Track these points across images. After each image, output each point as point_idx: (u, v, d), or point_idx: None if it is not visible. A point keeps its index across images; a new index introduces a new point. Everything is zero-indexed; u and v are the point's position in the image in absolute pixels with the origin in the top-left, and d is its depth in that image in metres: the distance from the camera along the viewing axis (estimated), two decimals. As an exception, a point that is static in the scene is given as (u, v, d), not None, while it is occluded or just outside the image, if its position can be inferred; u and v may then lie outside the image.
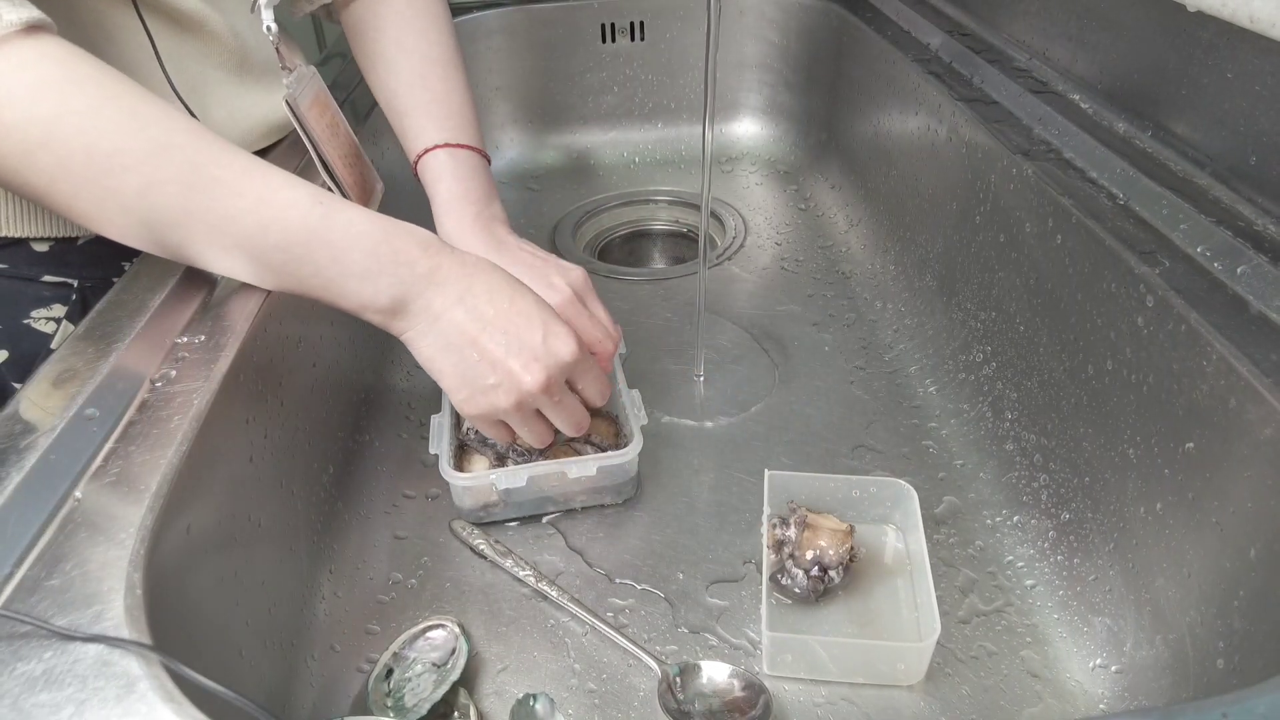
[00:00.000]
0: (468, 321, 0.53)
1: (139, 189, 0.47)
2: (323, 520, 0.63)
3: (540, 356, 0.54)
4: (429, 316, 0.53)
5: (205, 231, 0.49)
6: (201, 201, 0.48)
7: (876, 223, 0.97)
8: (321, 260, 0.50)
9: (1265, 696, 0.32)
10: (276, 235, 0.49)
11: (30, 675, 0.33)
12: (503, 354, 0.53)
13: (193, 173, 0.47)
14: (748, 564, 0.63)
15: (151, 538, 0.39)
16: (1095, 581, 0.56)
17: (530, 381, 0.54)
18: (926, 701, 0.54)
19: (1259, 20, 0.49)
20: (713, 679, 0.55)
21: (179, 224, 0.48)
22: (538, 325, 0.54)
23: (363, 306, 0.52)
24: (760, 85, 1.22)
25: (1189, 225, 0.55)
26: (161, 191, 0.47)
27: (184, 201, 0.47)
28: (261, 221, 0.49)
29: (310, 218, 0.49)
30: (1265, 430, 0.43)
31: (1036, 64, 0.78)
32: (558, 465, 0.65)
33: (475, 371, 0.54)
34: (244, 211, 0.48)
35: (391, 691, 0.54)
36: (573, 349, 0.56)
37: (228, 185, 0.48)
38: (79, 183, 0.46)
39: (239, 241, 0.49)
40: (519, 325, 0.54)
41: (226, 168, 0.48)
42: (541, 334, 0.54)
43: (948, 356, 0.78)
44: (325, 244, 0.50)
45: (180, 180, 0.47)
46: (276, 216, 0.49)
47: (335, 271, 0.50)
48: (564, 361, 0.55)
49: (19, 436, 0.44)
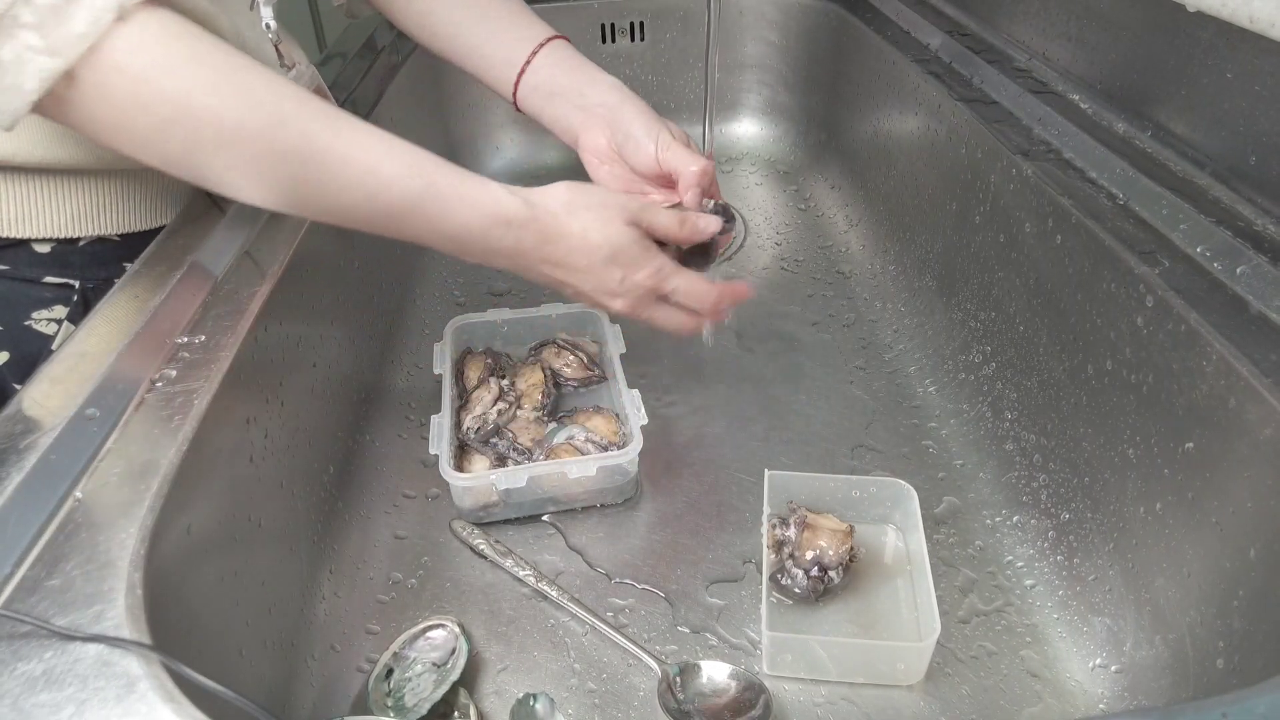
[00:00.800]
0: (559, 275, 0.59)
1: (258, 157, 0.50)
2: (323, 520, 0.63)
3: (622, 293, 0.59)
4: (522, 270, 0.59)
5: (321, 195, 0.52)
6: (315, 172, 0.51)
7: (876, 223, 0.97)
8: (422, 228, 0.55)
9: (1265, 696, 0.32)
10: (383, 204, 0.53)
11: (30, 675, 0.33)
12: (592, 296, 0.60)
13: (305, 143, 0.50)
14: (747, 564, 0.63)
15: (152, 538, 0.39)
16: (1095, 581, 0.56)
17: (619, 307, 0.60)
18: (926, 701, 0.54)
19: (1259, 20, 0.49)
20: (713, 679, 0.55)
21: (297, 190, 0.52)
22: (615, 269, 0.58)
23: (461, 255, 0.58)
24: (760, 85, 1.22)
25: (1189, 225, 0.55)
26: (281, 161, 0.50)
27: (301, 170, 0.51)
28: (369, 191, 0.52)
29: (410, 191, 0.53)
30: (1265, 430, 0.43)
31: (1036, 64, 0.78)
32: (558, 465, 0.65)
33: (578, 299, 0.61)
34: (353, 182, 0.52)
35: (391, 691, 0.54)
36: (649, 274, 0.59)
37: (337, 154, 0.51)
38: (210, 153, 0.49)
39: (356, 203, 0.53)
40: (597, 274, 0.58)
41: (335, 136, 0.51)
42: (620, 274, 0.58)
43: (948, 356, 0.78)
44: (425, 217, 0.54)
45: (295, 151, 0.50)
46: (382, 187, 0.52)
47: (435, 237, 0.55)
48: (646, 288, 0.59)
49: (19, 436, 0.44)
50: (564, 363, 0.78)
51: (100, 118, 0.47)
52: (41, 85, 0.45)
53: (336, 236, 0.73)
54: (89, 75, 0.45)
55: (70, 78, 0.45)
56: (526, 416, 0.73)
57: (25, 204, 0.60)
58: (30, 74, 0.44)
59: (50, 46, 0.44)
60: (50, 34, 0.44)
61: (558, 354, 0.78)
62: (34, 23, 0.44)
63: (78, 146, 0.59)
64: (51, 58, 0.44)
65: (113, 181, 0.63)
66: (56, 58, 0.44)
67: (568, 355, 0.78)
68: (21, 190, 0.59)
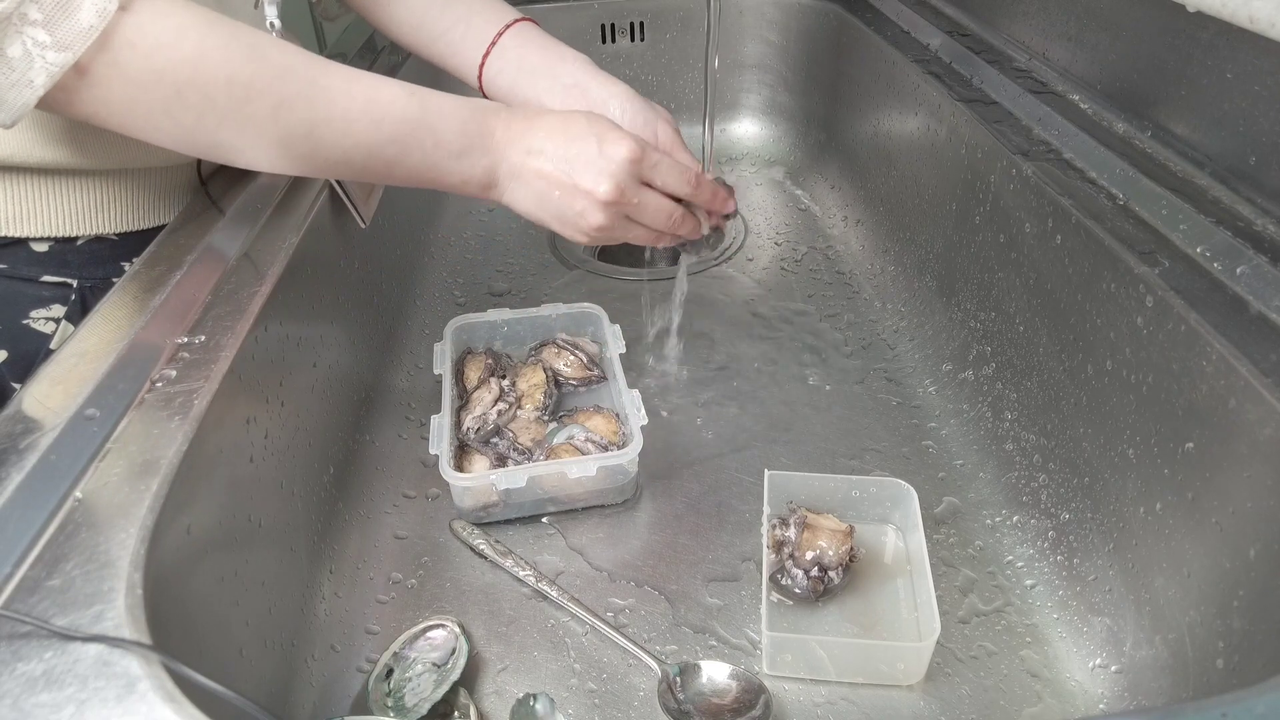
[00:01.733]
0: (539, 164, 0.58)
1: (273, 109, 0.51)
2: (323, 520, 0.63)
3: (602, 167, 0.57)
4: (513, 176, 0.59)
5: (331, 136, 0.53)
6: (324, 110, 0.53)
7: (876, 223, 0.97)
8: (426, 145, 0.56)
9: (1265, 696, 0.32)
10: (389, 129, 0.54)
11: (30, 675, 0.33)
12: (571, 179, 0.58)
13: (311, 86, 0.52)
14: (747, 564, 0.63)
15: (152, 538, 0.39)
16: (1095, 581, 0.56)
17: (603, 191, 0.57)
18: (926, 701, 0.54)
19: (1258, 20, 0.49)
20: (713, 679, 0.55)
21: (309, 135, 0.53)
22: (591, 139, 0.58)
23: (464, 182, 0.58)
24: (760, 85, 1.22)
25: (1189, 225, 0.55)
26: (291, 108, 0.52)
27: (310, 113, 0.52)
28: (374, 118, 0.54)
29: (410, 109, 0.55)
30: (1265, 430, 0.43)
31: (1036, 64, 0.78)
32: (558, 465, 0.65)
33: (561, 206, 0.59)
34: (359, 113, 0.54)
35: (392, 691, 0.54)
36: (629, 147, 0.58)
37: (342, 91, 0.53)
38: (223, 113, 0.50)
39: (359, 141, 0.54)
40: (575, 147, 0.58)
41: (335, 76, 0.54)
42: (596, 145, 0.57)
43: (948, 356, 0.78)
44: (428, 129, 0.55)
45: (304, 95, 0.52)
46: (385, 112, 0.54)
47: (439, 155, 0.56)
48: (625, 159, 0.58)
49: (19, 436, 0.44)
50: (564, 363, 0.78)
51: (113, 97, 0.48)
52: (50, 79, 0.45)
53: (337, 236, 0.73)
54: (102, 58, 0.46)
55: (79, 69, 0.46)
56: (527, 416, 0.73)
57: (23, 203, 0.60)
58: (39, 70, 0.45)
59: (58, 41, 0.45)
60: (58, 29, 0.44)
61: (558, 354, 0.78)
62: (41, 19, 0.44)
63: (76, 146, 0.59)
64: (59, 52, 0.45)
65: (111, 181, 0.63)
66: (65, 52, 0.45)
67: (568, 355, 0.78)
68: (19, 189, 0.60)
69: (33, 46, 0.44)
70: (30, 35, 0.44)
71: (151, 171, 0.65)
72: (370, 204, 0.77)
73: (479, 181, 0.59)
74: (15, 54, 0.44)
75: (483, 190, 0.59)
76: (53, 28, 0.44)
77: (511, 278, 0.98)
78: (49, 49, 0.45)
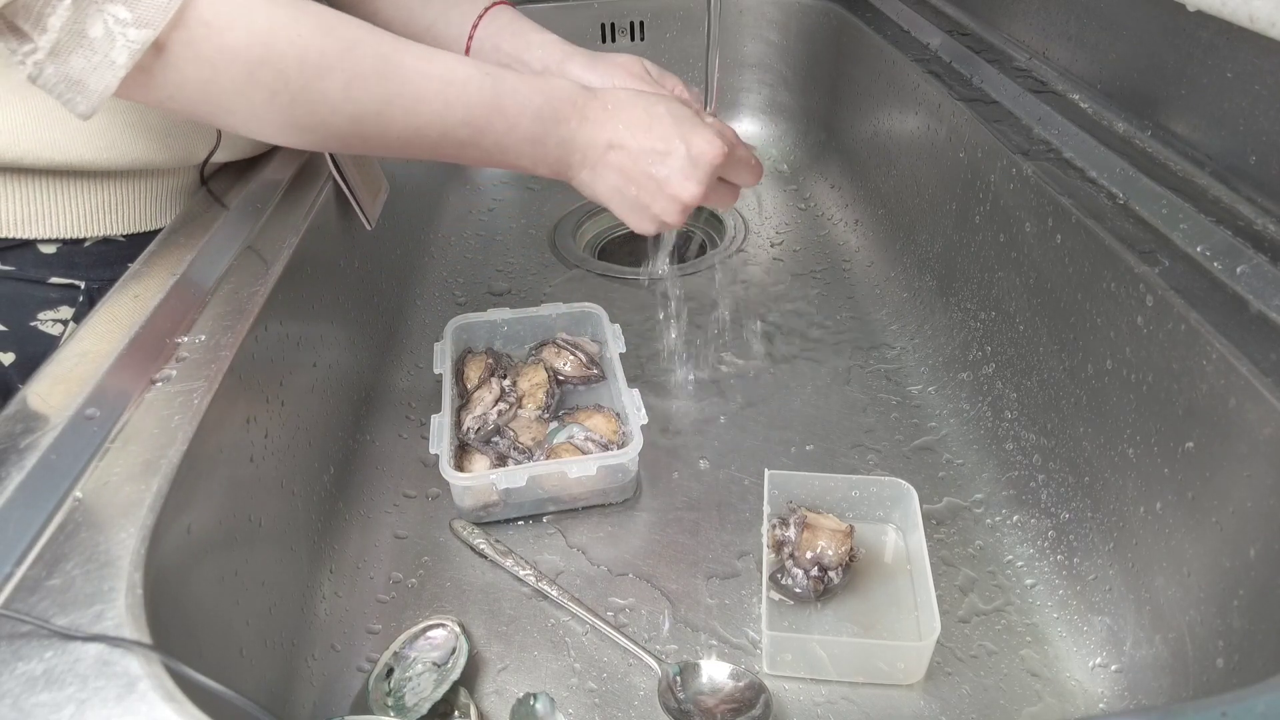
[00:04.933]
0: (619, 159, 0.57)
1: (344, 85, 0.50)
2: (323, 520, 0.63)
3: (690, 172, 0.57)
4: (589, 165, 0.58)
5: (403, 115, 0.52)
6: (395, 87, 0.51)
7: (876, 222, 0.97)
8: (500, 130, 0.54)
9: (1265, 696, 0.32)
10: (460, 111, 0.53)
11: (31, 675, 0.33)
12: (654, 179, 0.57)
13: (383, 62, 0.51)
14: (747, 563, 0.63)
15: (152, 537, 0.39)
16: (1095, 581, 0.56)
17: (689, 194, 0.58)
18: (926, 701, 0.54)
19: (1259, 20, 0.49)
20: (713, 678, 0.55)
21: (380, 113, 0.52)
22: (677, 140, 0.57)
23: (535, 165, 0.57)
24: (760, 85, 1.22)
25: (1189, 225, 0.55)
26: (363, 84, 0.51)
27: (381, 89, 0.51)
28: (447, 100, 0.53)
29: (484, 91, 0.53)
30: (1265, 430, 0.43)
31: (1036, 64, 0.78)
32: (558, 465, 0.65)
33: (640, 201, 0.58)
34: (433, 93, 0.52)
35: (392, 691, 0.54)
36: (718, 149, 0.57)
37: (414, 68, 0.52)
38: (295, 91, 0.49)
39: (430, 121, 0.53)
40: (660, 146, 0.57)
41: (407, 53, 0.52)
42: (685, 148, 0.57)
43: (948, 356, 0.78)
44: (500, 113, 0.54)
45: (375, 71, 0.51)
46: (459, 94, 0.53)
47: (511, 139, 0.55)
48: (713, 164, 0.58)
49: (19, 436, 0.44)
50: (563, 362, 0.78)
51: (188, 79, 0.47)
52: (132, 58, 0.45)
53: (337, 236, 0.73)
54: (178, 36, 0.46)
55: (158, 47, 0.45)
56: (528, 416, 0.73)
57: (31, 205, 0.60)
58: (120, 48, 0.44)
59: (139, 18, 0.44)
60: (138, 5, 0.44)
61: (558, 353, 0.78)
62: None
63: (84, 148, 0.59)
64: (140, 29, 0.44)
65: (118, 182, 0.63)
66: (146, 29, 0.44)
67: (567, 355, 0.78)
68: (27, 191, 0.59)
69: (114, 25, 0.44)
70: (111, 13, 0.44)
71: (159, 173, 0.64)
72: (376, 205, 0.77)
73: (551, 167, 0.58)
74: (97, 34, 0.44)
75: (554, 174, 0.59)
76: (133, 4, 0.44)
77: (511, 277, 0.98)
78: (130, 26, 0.44)
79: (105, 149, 0.59)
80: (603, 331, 0.79)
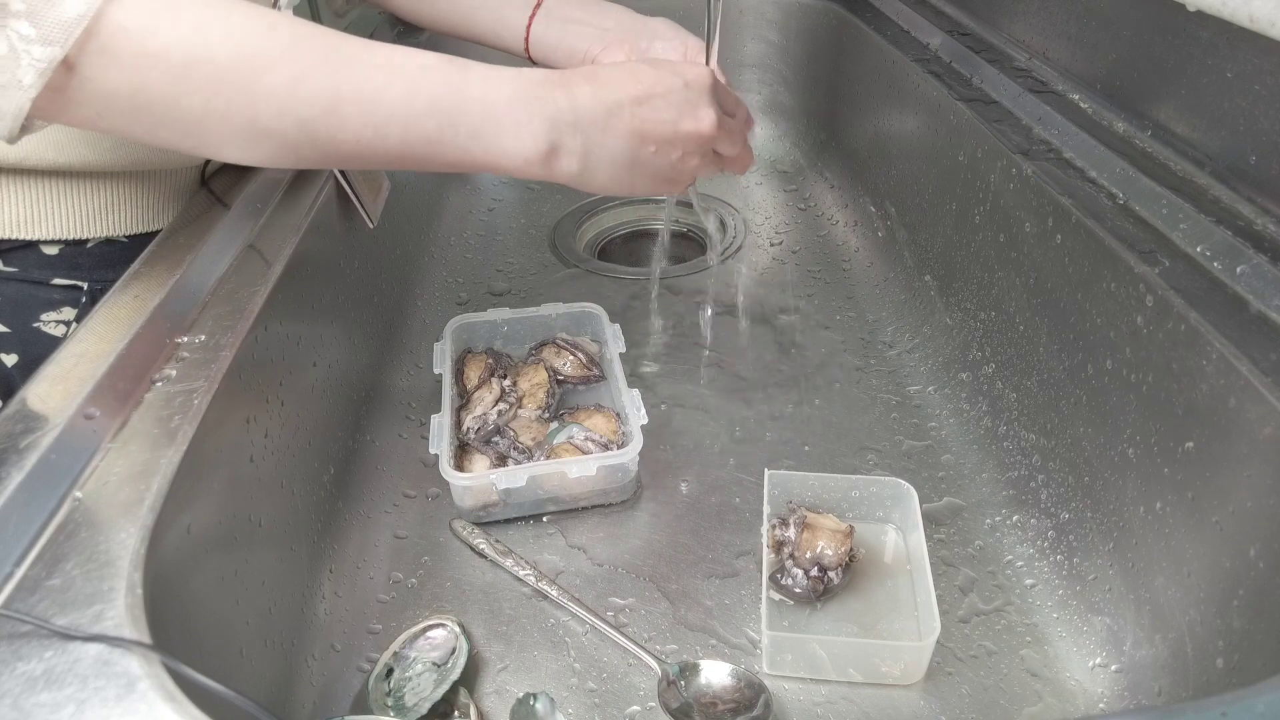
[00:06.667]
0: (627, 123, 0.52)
1: (289, 82, 0.46)
2: (323, 520, 0.63)
3: (696, 99, 0.54)
4: (585, 144, 0.52)
5: (357, 112, 0.47)
6: (348, 78, 0.47)
7: (876, 223, 0.97)
8: (474, 117, 0.49)
9: (1265, 696, 0.32)
10: (424, 101, 0.48)
11: (30, 675, 0.33)
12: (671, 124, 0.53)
13: (333, 53, 0.47)
14: (747, 563, 0.63)
15: (152, 537, 0.39)
16: (1095, 581, 0.56)
17: (708, 121, 0.54)
18: (926, 701, 0.54)
19: (1258, 20, 0.49)
20: (712, 678, 0.55)
21: (332, 110, 0.47)
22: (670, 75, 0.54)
23: (525, 161, 0.51)
24: (760, 85, 1.22)
25: (1189, 225, 0.55)
26: (310, 79, 0.46)
27: (332, 83, 0.46)
28: (408, 89, 0.48)
29: (451, 77, 0.49)
30: (1265, 430, 0.43)
31: (1036, 64, 0.78)
32: (558, 465, 0.65)
33: (659, 159, 0.54)
34: (389, 83, 0.47)
35: (392, 691, 0.54)
36: (707, 74, 0.55)
37: (365, 59, 0.47)
38: (233, 93, 0.45)
39: (390, 115, 0.48)
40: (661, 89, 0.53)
41: (357, 44, 0.48)
42: (679, 81, 0.53)
43: (948, 356, 0.78)
44: (473, 99, 0.49)
45: (324, 62, 0.46)
46: (419, 81, 0.48)
47: (490, 130, 0.49)
48: (709, 85, 0.55)
49: (19, 436, 0.44)
50: (563, 362, 0.78)
51: (113, 91, 0.44)
52: (40, 77, 0.41)
53: (337, 236, 0.73)
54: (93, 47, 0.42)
55: (69, 66, 0.42)
56: (529, 416, 0.73)
57: (33, 206, 0.60)
58: (26, 66, 0.41)
59: (43, 35, 0.41)
60: (42, 20, 0.40)
61: (557, 353, 0.78)
62: (25, 10, 0.40)
63: (87, 149, 0.59)
64: (45, 46, 0.41)
65: (120, 183, 0.63)
66: (52, 46, 0.41)
67: (567, 355, 0.78)
68: (30, 192, 0.59)
69: (18, 41, 0.40)
70: (15, 29, 0.40)
71: (161, 173, 0.64)
72: (378, 203, 0.77)
73: (540, 156, 0.51)
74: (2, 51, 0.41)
75: (542, 166, 0.52)
76: (37, 19, 0.40)
77: (511, 277, 0.98)
78: (34, 43, 0.40)
79: (107, 150, 0.59)
80: (603, 331, 0.79)
